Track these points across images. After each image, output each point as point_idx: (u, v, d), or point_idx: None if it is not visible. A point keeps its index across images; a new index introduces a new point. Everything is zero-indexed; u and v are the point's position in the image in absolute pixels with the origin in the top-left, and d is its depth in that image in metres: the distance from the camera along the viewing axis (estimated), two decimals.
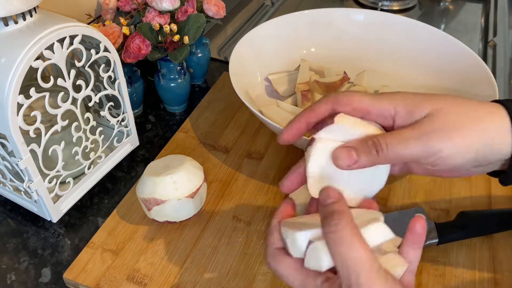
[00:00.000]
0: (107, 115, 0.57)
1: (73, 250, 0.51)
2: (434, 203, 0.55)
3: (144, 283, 0.47)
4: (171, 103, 0.69)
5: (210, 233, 0.51)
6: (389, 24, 0.72)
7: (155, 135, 0.66)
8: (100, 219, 0.54)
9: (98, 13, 0.74)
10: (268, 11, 1.03)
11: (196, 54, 0.72)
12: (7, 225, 0.54)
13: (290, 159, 0.60)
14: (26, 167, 0.47)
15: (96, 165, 0.57)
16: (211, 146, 0.63)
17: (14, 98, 0.42)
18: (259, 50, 0.68)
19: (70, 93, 0.49)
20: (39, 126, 0.46)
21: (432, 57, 0.68)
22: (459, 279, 0.47)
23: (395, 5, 1.04)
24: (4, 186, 0.54)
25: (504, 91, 0.78)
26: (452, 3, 1.08)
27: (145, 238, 0.51)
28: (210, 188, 0.56)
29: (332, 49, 0.73)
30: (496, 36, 0.92)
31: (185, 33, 0.61)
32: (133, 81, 0.65)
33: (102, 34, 0.50)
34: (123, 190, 0.58)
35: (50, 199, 0.51)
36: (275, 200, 0.55)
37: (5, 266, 0.50)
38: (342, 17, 0.73)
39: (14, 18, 0.44)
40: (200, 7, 0.67)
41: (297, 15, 0.72)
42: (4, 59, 0.42)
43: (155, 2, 0.60)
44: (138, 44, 0.59)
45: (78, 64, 0.50)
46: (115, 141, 0.59)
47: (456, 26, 0.99)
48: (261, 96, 0.67)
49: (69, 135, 0.52)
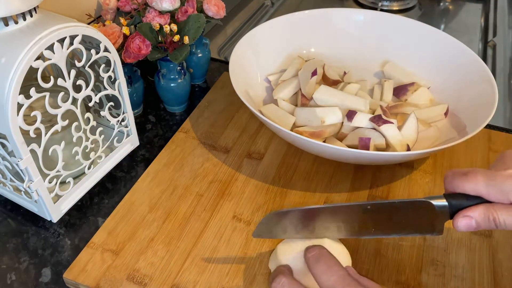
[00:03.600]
0: (107, 115, 0.57)
1: (73, 250, 0.51)
2: None
3: (144, 283, 0.47)
4: (171, 103, 0.69)
5: (210, 233, 0.51)
6: (389, 24, 0.72)
7: (155, 135, 0.66)
8: (100, 219, 0.54)
9: (98, 13, 0.74)
10: (268, 11, 1.03)
11: (196, 54, 0.72)
12: (7, 225, 0.54)
13: (290, 159, 0.61)
14: (26, 167, 0.47)
15: (96, 165, 0.57)
16: (211, 146, 0.63)
17: (14, 98, 0.42)
18: (259, 50, 0.68)
19: (70, 93, 0.49)
20: (39, 126, 0.47)
21: (432, 57, 0.68)
22: (459, 279, 0.47)
23: (395, 5, 1.04)
24: (4, 186, 0.54)
25: (504, 91, 0.78)
26: (452, 3, 1.08)
27: (145, 238, 0.51)
28: (210, 188, 0.56)
29: (332, 49, 0.73)
30: (496, 36, 0.92)
31: (185, 33, 0.61)
32: (133, 81, 0.65)
33: (102, 34, 0.50)
34: (123, 190, 0.58)
35: (50, 199, 0.51)
36: (275, 200, 0.55)
37: (5, 266, 0.50)
38: (341, 17, 0.74)
39: (14, 18, 0.44)
40: (200, 7, 0.67)
41: (297, 15, 0.72)
42: (4, 59, 0.42)
43: (155, 2, 0.60)
44: (138, 44, 0.59)
45: (78, 64, 0.50)
46: (115, 141, 0.59)
47: (456, 26, 0.99)
48: (261, 96, 0.67)
49: (69, 135, 0.52)
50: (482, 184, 0.36)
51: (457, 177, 0.38)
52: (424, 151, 0.50)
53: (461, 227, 0.37)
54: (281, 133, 0.54)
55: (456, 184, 0.38)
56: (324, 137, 0.58)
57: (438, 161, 0.61)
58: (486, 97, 0.58)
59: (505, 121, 0.72)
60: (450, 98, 0.64)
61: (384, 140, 0.56)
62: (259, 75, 0.68)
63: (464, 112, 0.61)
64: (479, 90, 0.60)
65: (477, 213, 0.36)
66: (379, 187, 0.57)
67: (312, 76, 0.64)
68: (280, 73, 0.69)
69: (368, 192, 0.56)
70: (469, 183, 0.37)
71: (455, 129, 0.59)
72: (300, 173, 0.59)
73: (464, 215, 0.37)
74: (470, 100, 0.61)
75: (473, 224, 0.37)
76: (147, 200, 0.55)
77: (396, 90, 0.67)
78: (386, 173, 0.59)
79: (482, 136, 0.64)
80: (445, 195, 0.39)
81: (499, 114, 0.72)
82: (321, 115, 0.58)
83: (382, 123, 0.56)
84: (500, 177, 0.36)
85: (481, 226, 0.36)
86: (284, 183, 0.57)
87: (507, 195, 0.35)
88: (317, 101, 0.61)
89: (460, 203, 0.38)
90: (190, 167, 0.59)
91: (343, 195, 0.56)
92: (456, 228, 0.37)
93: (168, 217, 0.53)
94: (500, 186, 0.36)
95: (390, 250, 0.50)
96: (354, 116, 0.57)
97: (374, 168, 0.59)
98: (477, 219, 0.36)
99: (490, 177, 0.36)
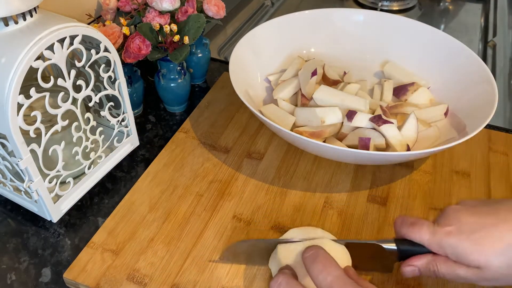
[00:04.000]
0: (107, 115, 0.57)
1: (73, 250, 0.51)
2: (434, 203, 0.55)
3: (144, 283, 0.47)
4: (171, 103, 0.69)
5: (210, 233, 0.51)
6: (389, 25, 0.72)
7: (155, 135, 0.66)
8: (100, 219, 0.54)
9: (98, 13, 0.74)
10: (268, 11, 1.03)
11: (196, 54, 0.72)
12: (7, 225, 0.54)
13: (290, 159, 0.61)
14: (26, 167, 0.47)
15: (96, 165, 0.57)
16: (211, 146, 0.63)
17: (14, 98, 0.42)
18: (259, 50, 0.68)
19: (70, 93, 0.49)
20: (39, 126, 0.47)
21: (432, 57, 0.68)
22: None
23: (394, 5, 1.04)
24: (4, 186, 0.54)
25: (504, 91, 0.78)
26: (452, 3, 1.08)
27: (145, 238, 0.51)
28: (210, 188, 0.57)
29: (332, 49, 0.73)
30: (496, 36, 0.92)
31: (185, 33, 0.61)
32: (133, 81, 0.65)
33: (102, 34, 0.50)
34: (123, 190, 0.58)
35: (50, 199, 0.51)
36: (275, 200, 0.55)
37: (5, 266, 0.50)
38: (342, 17, 0.74)
39: (14, 18, 0.44)
40: (200, 7, 0.67)
41: (297, 15, 0.72)
42: (4, 59, 0.42)
43: (155, 2, 0.60)
44: (138, 44, 0.59)
45: (78, 64, 0.50)
46: (115, 141, 0.59)
47: (456, 26, 0.99)
48: (261, 96, 0.67)
49: (69, 135, 0.52)
50: (426, 237, 0.41)
51: (405, 226, 0.43)
52: (424, 151, 0.50)
53: (406, 274, 0.42)
54: (281, 133, 0.54)
55: (404, 232, 0.43)
56: (324, 137, 0.58)
57: (438, 161, 0.61)
58: (486, 97, 0.58)
59: (505, 121, 0.72)
60: (450, 98, 0.64)
61: (384, 140, 0.56)
62: (259, 75, 0.68)
63: (464, 112, 0.61)
64: (479, 90, 0.60)
65: (420, 264, 0.41)
66: (379, 187, 0.57)
67: (312, 76, 0.64)
68: (280, 73, 0.69)
69: (368, 192, 0.56)
70: (415, 234, 0.42)
71: (455, 129, 0.59)
72: (300, 173, 0.59)
73: (409, 264, 0.42)
74: (470, 100, 0.61)
75: (417, 272, 0.42)
76: (147, 200, 0.55)
77: (396, 90, 0.67)
78: (386, 173, 0.59)
79: (482, 136, 0.64)
80: (395, 240, 0.43)
81: (499, 114, 0.72)
82: (321, 115, 0.58)
83: (382, 123, 0.56)
84: (439, 233, 0.40)
85: (423, 274, 0.42)
86: (284, 183, 0.57)
87: (444, 250, 0.40)
88: (317, 101, 0.61)
89: (407, 249, 0.43)
90: (190, 167, 0.59)
91: (343, 195, 0.56)
92: (402, 274, 0.42)
93: (168, 217, 0.53)
94: (439, 241, 0.40)
95: None
96: (354, 116, 0.57)
97: (374, 168, 0.59)
98: (420, 268, 0.41)
99: (432, 232, 0.41)
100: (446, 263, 0.40)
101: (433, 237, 0.40)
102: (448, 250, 0.40)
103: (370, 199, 0.55)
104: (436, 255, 0.41)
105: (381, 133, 0.56)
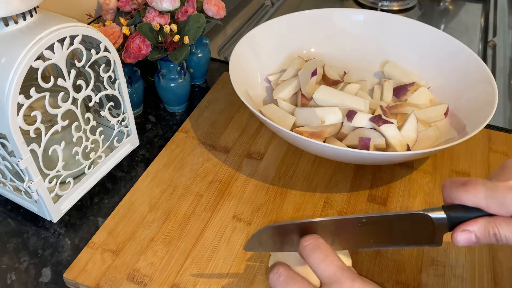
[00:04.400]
0: (107, 115, 0.57)
1: (73, 250, 0.51)
2: (434, 203, 0.55)
3: (144, 283, 0.47)
4: (171, 103, 0.69)
5: (210, 233, 0.51)
6: (389, 25, 0.72)
7: (155, 135, 0.66)
8: (100, 219, 0.54)
9: (98, 13, 0.74)
10: (268, 11, 1.03)
11: (196, 54, 0.72)
12: (7, 225, 0.54)
13: (290, 159, 0.61)
14: (26, 167, 0.47)
15: (96, 165, 0.57)
16: (211, 146, 0.63)
17: (14, 98, 0.42)
18: (259, 50, 0.68)
19: (70, 93, 0.49)
20: (39, 126, 0.47)
21: (432, 57, 0.68)
22: (459, 279, 0.47)
23: (394, 5, 1.04)
24: (4, 186, 0.54)
25: (504, 91, 0.78)
26: (452, 3, 1.08)
27: (145, 238, 0.51)
28: (210, 188, 0.57)
29: (332, 49, 0.73)
30: (496, 36, 0.92)
31: (185, 33, 0.61)
32: (133, 81, 0.65)
33: (102, 34, 0.50)
34: (123, 190, 0.58)
35: (50, 199, 0.51)
36: (275, 200, 0.55)
37: (5, 266, 0.50)
38: (342, 17, 0.74)
39: (14, 18, 0.44)
40: (200, 7, 0.67)
41: (297, 15, 0.72)
42: (4, 59, 0.42)
43: (155, 2, 0.60)
44: (138, 44, 0.59)
45: (78, 64, 0.50)
46: (115, 141, 0.59)
47: (456, 26, 0.99)
48: (261, 96, 0.67)
49: (69, 135, 0.52)
50: (482, 196, 0.35)
51: (455, 188, 0.36)
52: (424, 151, 0.50)
53: (460, 242, 0.36)
54: (281, 133, 0.54)
55: (455, 195, 0.36)
56: (324, 137, 0.58)
57: (438, 161, 0.61)
58: (486, 97, 0.58)
59: (505, 121, 0.72)
60: (450, 98, 0.64)
61: (384, 140, 0.56)
62: (259, 75, 0.68)
63: (464, 112, 0.61)
64: (479, 90, 0.60)
65: (477, 228, 0.35)
66: (379, 187, 0.57)
67: (312, 76, 0.64)
68: (280, 73, 0.69)
69: (368, 192, 0.56)
70: (468, 195, 0.35)
71: (455, 129, 0.59)
72: (300, 173, 0.59)
73: (463, 229, 0.36)
74: (470, 100, 0.61)
75: (473, 239, 0.35)
76: (147, 200, 0.55)
77: (396, 90, 0.67)
78: (386, 173, 0.59)
79: (482, 136, 0.64)
80: (444, 206, 0.37)
81: (499, 114, 0.72)
82: (321, 115, 0.58)
83: (382, 123, 0.56)
84: (501, 189, 0.34)
85: (481, 241, 0.35)
86: (284, 183, 0.57)
87: (508, 208, 0.34)
88: (317, 101, 0.61)
89: (459, 216, 0.36)
90: (190, 167, 0.59)
91: (343, 195, 0.56)
92: (456, 243, 0.36)
93: (168, 217, 0.53)
94: (501, 198, 0.34)
95: (390, 250, 0.50)
96: (354, 116, 0.57)
97: (374, 168, 0.59)
98: (477, 234, 0.35)
99: (490, 189, 0.34)
100: (508, 223, 0.34)
101: (493, 194, 0.34)
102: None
103: (370, 199, 0.56)
104: (494, 216, 0.35)
105: (381, 133, 0.56)
